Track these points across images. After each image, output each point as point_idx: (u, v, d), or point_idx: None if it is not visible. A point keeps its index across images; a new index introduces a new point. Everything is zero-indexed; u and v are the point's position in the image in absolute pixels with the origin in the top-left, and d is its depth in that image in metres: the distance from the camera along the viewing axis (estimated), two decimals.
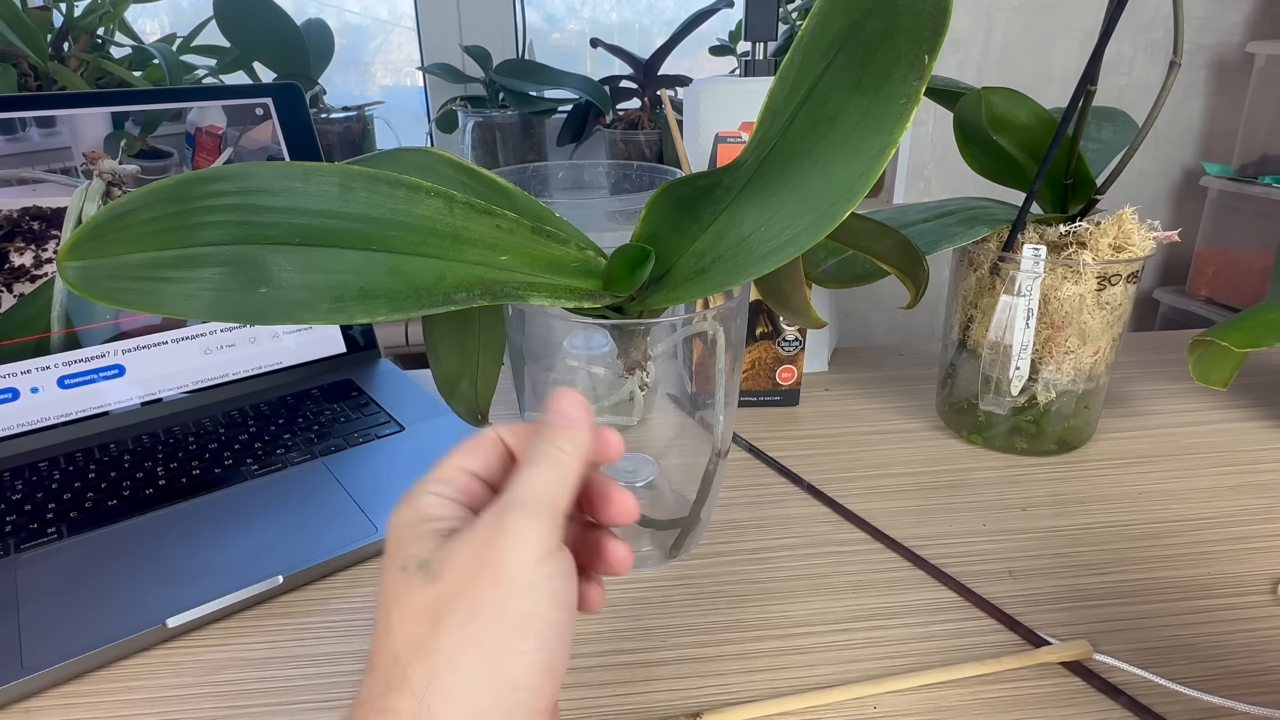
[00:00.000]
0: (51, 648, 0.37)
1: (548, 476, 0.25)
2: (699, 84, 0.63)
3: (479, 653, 0.23)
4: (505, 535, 0.24)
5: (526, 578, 0.23)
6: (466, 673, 0.22)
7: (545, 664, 0.23)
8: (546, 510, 0.24)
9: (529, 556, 0.23)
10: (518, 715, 0.23)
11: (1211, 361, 0.51)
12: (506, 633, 0.23)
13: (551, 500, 0.25)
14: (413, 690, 0.22)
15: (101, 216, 0.29)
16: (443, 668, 0.22)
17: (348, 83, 1.26)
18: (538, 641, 0.23)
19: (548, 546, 0.24)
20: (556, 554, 0.24)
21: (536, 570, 0.23)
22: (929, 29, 0.28)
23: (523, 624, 0.23)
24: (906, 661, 0.38)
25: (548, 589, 0.23)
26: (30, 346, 0.53)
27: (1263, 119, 1.15)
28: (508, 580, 0.23)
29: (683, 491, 0.47)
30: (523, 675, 0.23)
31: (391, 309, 0.30)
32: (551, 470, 0.25)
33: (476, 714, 0.22)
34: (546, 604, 0.23)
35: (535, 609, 0.23)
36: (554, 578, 0.24)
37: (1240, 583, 0.43)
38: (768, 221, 0.32)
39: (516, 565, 0.23)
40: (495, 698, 0.22)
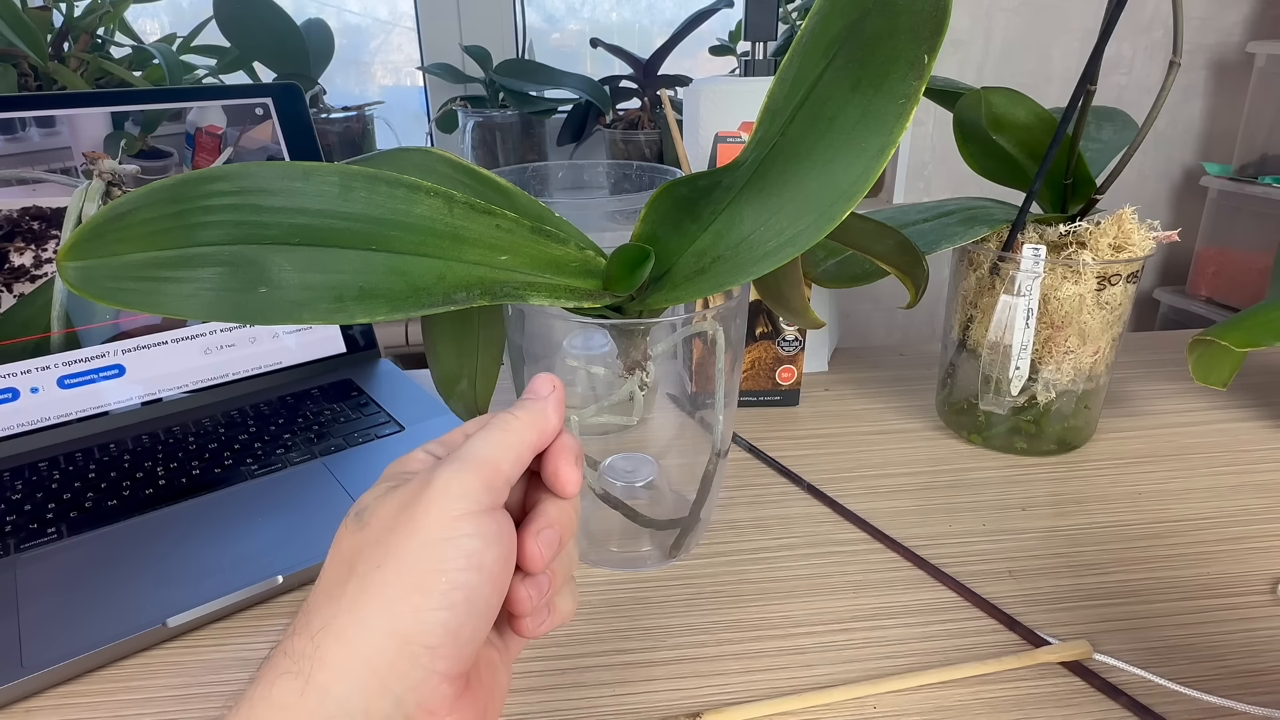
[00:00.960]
0: (51, 647, 0.37)
1: (492, 438, 0.25)
2: (699, 84, 0.63)
3: (378, 602, 0.22)
4: (430, 487, 0.23)
5: (441, 531, 0.23)
6: (362, 620, 0.22)
7: (448, 624, 0.22)
8: (481, 468, 0.24)
9: (448, 511, 0.23)
10: (410, 673, 0.22)
11: (1211, 361, 0.51)
12: (409, 585, 0.22)
13: (489, 459, 0.24)
14: (310, 632, 0.22)
15: (101, 216, 0.29)
16: (342, 612, 0.22)
17: (348, 83, 1.26)
18: (440, 600, 0.22)
19: (472, 504, 0.23)
20: (481, 515, 0.23)
21: (452, 526, 0.23)
22: (929, 29, 0.28)
23: (428, 579, 0.22)
24: (906, 661, 0.38)
25: (462, 547, 0.23)
26: (30, 346, 0.53)
27: (1263, 119, 1.15)
28: (420, 533, 0.23)
29: (682, 491, 0.47)
30: (419, 632, 0.22)
31: (391, 309, 0.30)
32: (498, 433, 0.25)
33: (364, 662, 0.22)
34: (458, 563, 0.23)
35: (443, 565, 0.22)
36: (472, 537, 0.23)
37: (1240, 583, 0.43)
38: (767, 221, 0.32)
39: (433, 518, 0.23)
40: (386, 649, 0.22)
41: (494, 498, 0.24)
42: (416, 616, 0.22)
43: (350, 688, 0.21)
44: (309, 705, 0.21)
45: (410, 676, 0.22)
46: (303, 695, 0.21)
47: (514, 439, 0.25)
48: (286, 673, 0.22)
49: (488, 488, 0.24)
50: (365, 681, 0.21)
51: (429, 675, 0.22)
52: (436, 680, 0.22)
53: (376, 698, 0.21)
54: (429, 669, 0.22)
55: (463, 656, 0.23)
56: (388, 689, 0.22)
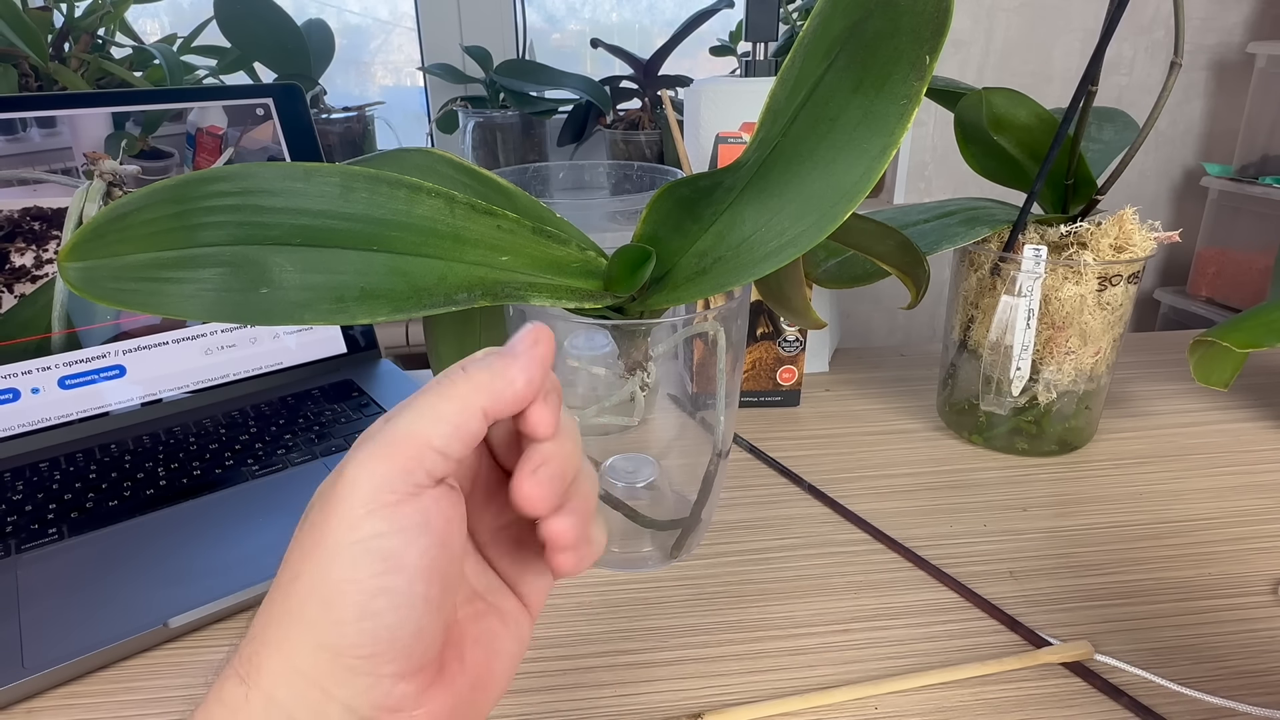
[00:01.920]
0: (53, 648, 0.37)
1: (422, 408, 0.21)
2: (699, 84, 0.63)
3: (298, 617, 0.20)
4: (338, 482, 0.21)
5: (346, 535, 0.20)
6: (289, 636, 0.20)
7: (377, 632, 0.20)
8: (399, 450, 0.20)
9: (356, 506, 0.20)
10: (352, 681, 0.20)
11: (1212, 362, 0.51)
12: (323, 599, 0.20)
13: (412, 436, 0.21)
14: (251, 636, 0.21)
15: (102, 217, 0.29)
16: (272, 623, 0.21)
17: (348, 83, 1.26)
18: (358, 611, 0.20)
19: (386, 496, 0.20)
20: (399, 505, 0.20)
21: (359, 526, 0.20)
22: (930, 29, 0.28)
23: (341, 590, 0.20)
24: (908, 662, 0.38)
25: (373, 549, 0.20)
26: (31, 347, 0.53)
27: (1263, 119, 1.15)
28: (328, 537, 0.20)
29: (683, 492, 0.46)
30: (348, 645, 0.20)
31: (393, 309, 0.30)
32: (432, 400, 0.21)
33: (301, 675, 0.20)
34: (371, 569, 0.20)
35: (354, 574, 0.20)
36: (384, 536, 0.20)
37: (1242, 583, 0.43)
38: (769, 222, 0.32)
39: (338, 520, 0.20)
40: (319, 661, 0.20)
41: (417, 479, 0.21)
42: (339, 630, 0.20)
43: (292, 693, 0.20)
44: (254, 710, 0.20)
45: (354, 684, 0.20)
46: (248, 700, 0.20)
47: (452, 406, 0.21)
48: (235, 675, 0.21)
49: (406, 472, 0.20)
50: (305, 690, 0.20)
51: (376, 680, 0.20)
52: (388, 683, 0.20)
53: (321, 703, 0.20)
54: (374, 674, 0.20)
55: (414, 654, 0.21)
56: (331, 696, 0.20)
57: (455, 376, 0.22)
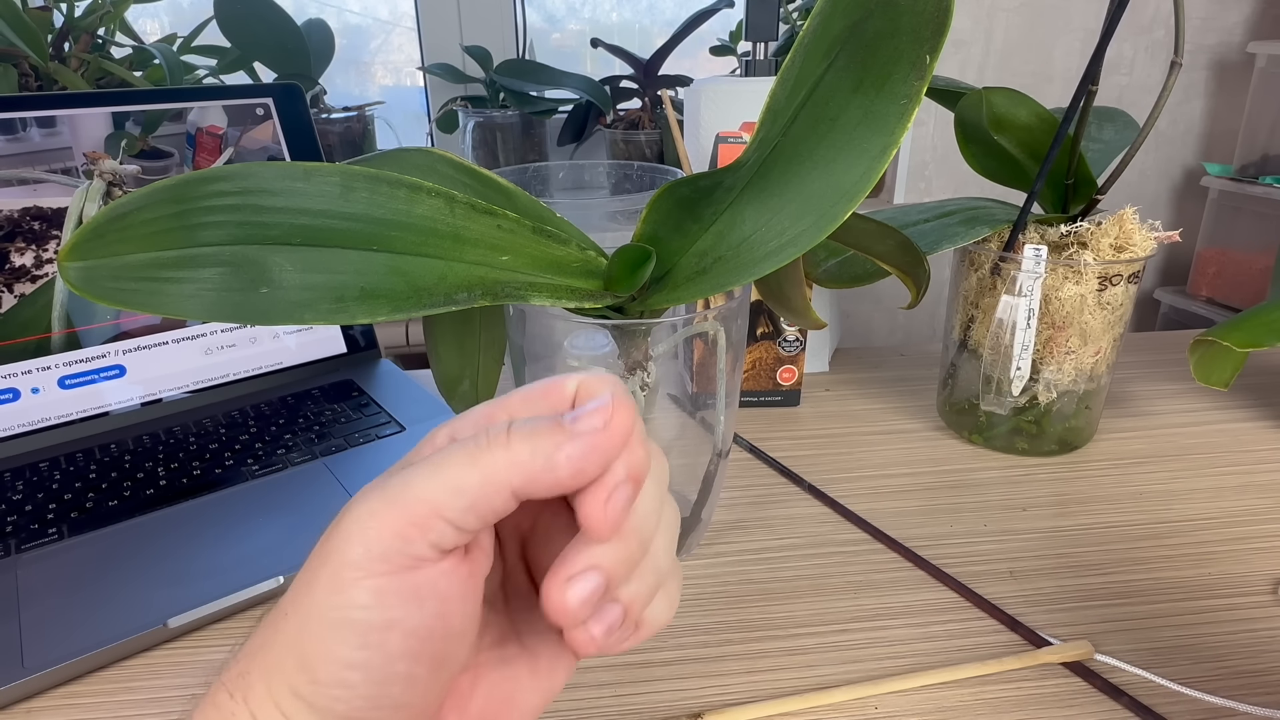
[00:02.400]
0: (53, 648, 0.37)
1: (446, 472, 0.18)
2: (699, 84, 0.63)
3: (279, 662, 0.19)
4: (338, 528, 0.19)
5: (329, 597, 0.18)
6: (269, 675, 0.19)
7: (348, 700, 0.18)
8: (405, 513, 0.18)
9: (342, 571, 0.18)
10: None
11: (1213, 362, 0.51)
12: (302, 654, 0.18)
13: (420, 497, 0.18)
14: (239, 660, 0.20)
15: (102, 217, 0.29)
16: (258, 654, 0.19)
17: (348, 83, 1.26)
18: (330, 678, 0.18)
19: (378, 565, 0.18)
20: (391, 577, 0.18)
21: (344, 593, 0.18)
22: (930, 29, 0.28)
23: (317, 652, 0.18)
24: (908, 662, 0.38)
25: (354, 621, 0.18)
26: (31, 347, 0.53)
27: (1263, 119, 1.15)
28: (315, 590, 0.18)
29: (684, 492, 0.46)
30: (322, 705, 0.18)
31: (393, 309, 0.30)
32: (462, 464, 0.18)
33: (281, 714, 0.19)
34: (348, 641, 0.18)
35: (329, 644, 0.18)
36: (367, 609, 0.18)
37: (1241, 583, 0.43)
38: (769, 222, 0.32)
39: (326, 578, 0.18)
40: (297, 709, 0.19)
41: (419, 551, 0.18)
42: (313, 689, 0.18)
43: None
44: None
45: None
46: (235, 716, 0.19)
47: (477, 477, 0.18)
48: (226, 689, 0.19)
49: (405, 540, 0.18)
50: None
51: None
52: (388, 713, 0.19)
53: None
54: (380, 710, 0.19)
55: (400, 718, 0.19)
56: None
57: (493, 442, 0.19)
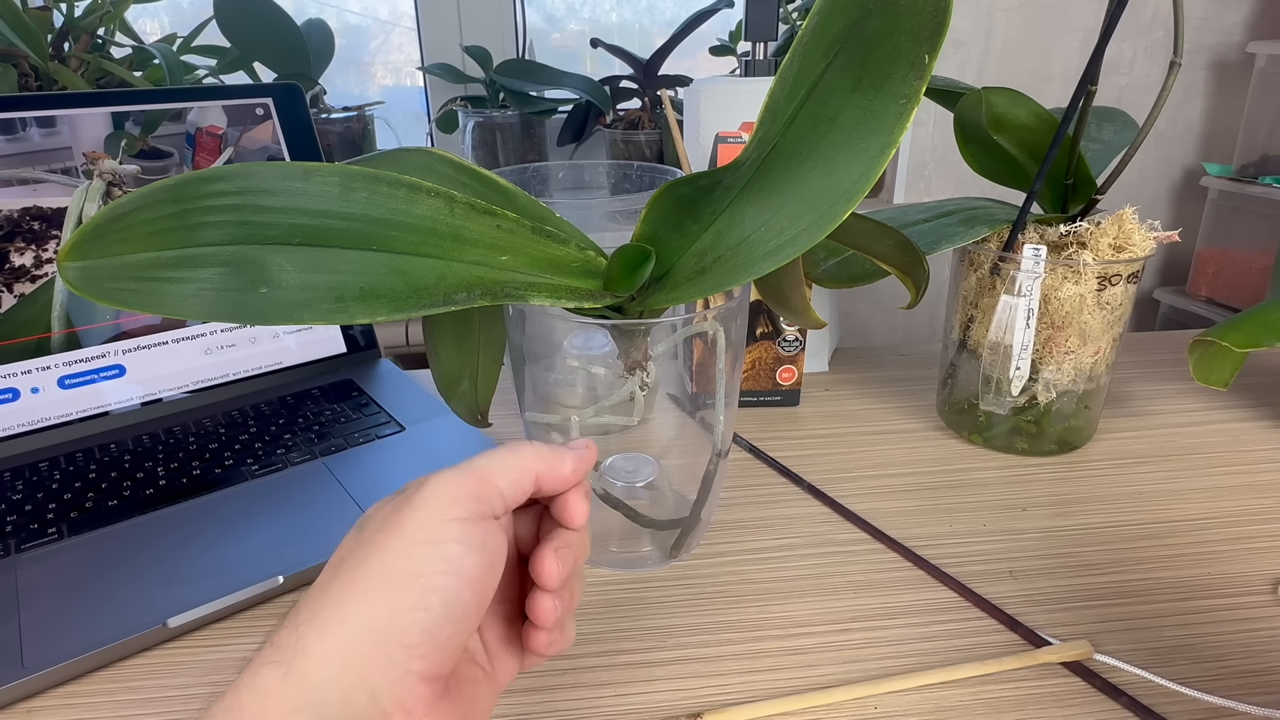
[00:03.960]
0: (52, 648, 0.37)
1: (496, 455, 0.26)
2: (699, 84, 0.63)
3: (358, 596, 0.23)
4: (422, 489, 0.24)
5: (424, 534, 0.23)
6: (342, 614, 0.23)
7: (424, 625, 0.23)
8: (473, 477, 0.25)
9: (434, 515, 0.24)
10: (386, 668, 0.22)
11: (1212, 362, 0.51)
12: (388, 583, 0.23)
13: (485, 470, 0.25)
14: (295, 624, 0.23)
15: (102, 217, 0.29)
16: (325, 606, 0.23)
17: (348, 83, 1.26)
18: (416, 600, 0.23)
19: (460, 510, 0.24)
20: (468, 522, 0.24)
21: (436, 530, 0.23)
22: (929, 29, 0.28)
23: (407, 579, 0.23)
24: (907, 662, 0.38)
25: (444, 551, 0.23)
26: (30, 347, 0.53)
27: (1263, 119, 1.15)
28: (405, 533, 0.23)
29: (683, 492, 0.47)
30: (396, 629, 0.22)
31: (392, 309, 0.30)
32: (503, 453, 0.26)
33: (343, 654, 0.22)
34: (437, 566, 0.23)
35: (421, 568, 0.23)
36: (454, 542, 0.23)
37: (1241, 583, 0.43)
38: (768, 221, 0.32)
39: (419, 520, 0.23)
40: (364, 642, 0.22)
41: (483, 507, 0.24)
42: (394, 615, 0.22)
43: (329, 676, 0.22)
44: (289, 691, 0.22)
45: (387, 672, 0.22)
46: (284, 682, 0.22)
47: (517, 460, 0.26)
48: (270, 662, 0.22)
49: (477, 496, 0.24)
50: (343, 672, 0.22)
51: (405, 673, 0.22)
52: (413, 680, 0.23)
53: (353, 689, 0.22)
54: (405, 667, 0.22)
55: (440, 659, 0.23)
56: (364, 681, 0.22)
57: (523, 446, 0.27)
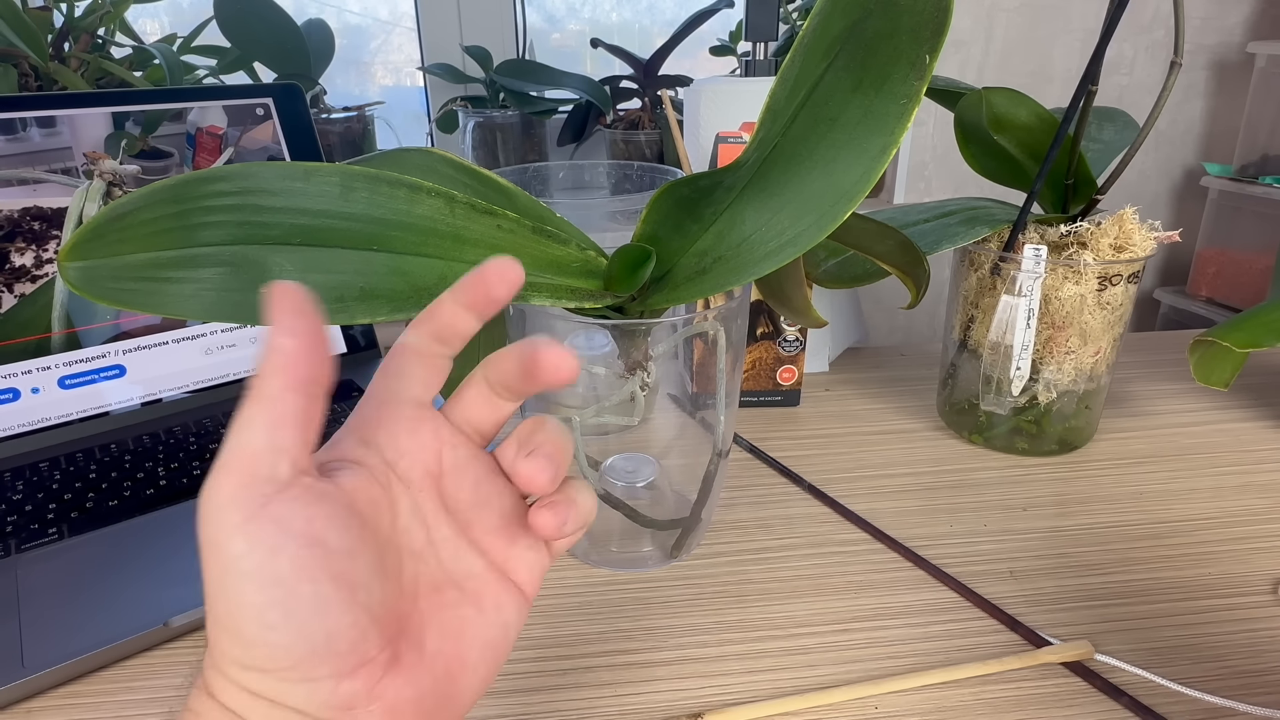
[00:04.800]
0: (53, 648, 0.37)
1: (234, 423, 0.21)
2: (699, 84, 0.63)
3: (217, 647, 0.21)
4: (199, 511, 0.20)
5: (216, 564, 0.20)
6: (220, 660, 0.21)
7: (288, 644, 0.20)
8: (230, 468, 0.20)
9: (210, 539, 0.20)
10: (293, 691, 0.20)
11: (1213, 362, 0.51)
12: (225, 628, 0.20)
13: (239, 449, 0.20)
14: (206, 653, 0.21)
15: (102, 217, 0.29)
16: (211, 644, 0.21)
17: (348, 83, 1.26)
18: (259, 629, 0.20)
19: (232, 516, 0.20)
20: (251, 521, 0.20)
21: (222, 553, 0.20)
22: (930, 29, 0.28)
23: (234, 615, 0.20)
24: (908, 662, 0.38)
25: (243, 572, 0.20)
26: (31, 347, 0.53)
27: (1263, 119, 1.15)
28: (209, 576, 0.20)
29: (684, 492, 0.46)
30: (265, 661, 0.20)
31: (393, 309, 0.30)
32: (239, 413, 0.21)
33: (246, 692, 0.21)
34: (248, 587, 0.20)
35: (238, 598, 0.20)
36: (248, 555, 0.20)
37: (1242, 583, 0.43)
38: (769, 221, 0.32)
39: (205, 555, 0.20)
40: (251, 680, 0.20)
41: (264, 489, 0.20)
42: (250, 652, 0.20)
43: (245, 707, 0.21)
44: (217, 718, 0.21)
45: (295, 693, 0.20)
46: (208, 710, 0.21)
47: (252, 409, 0.21)
48: (199, 688, 0.22)
49: (243, 487, 0.20)
50: (254, 703, 0.21)
51: (314, 685, 0.20)
52: (329, 684, 0.20)
53: (273, 711, 0.20)
54: (307, 681, 0.20)
55: (344, 652, 0.21)
56: (280, 705, 0.20)
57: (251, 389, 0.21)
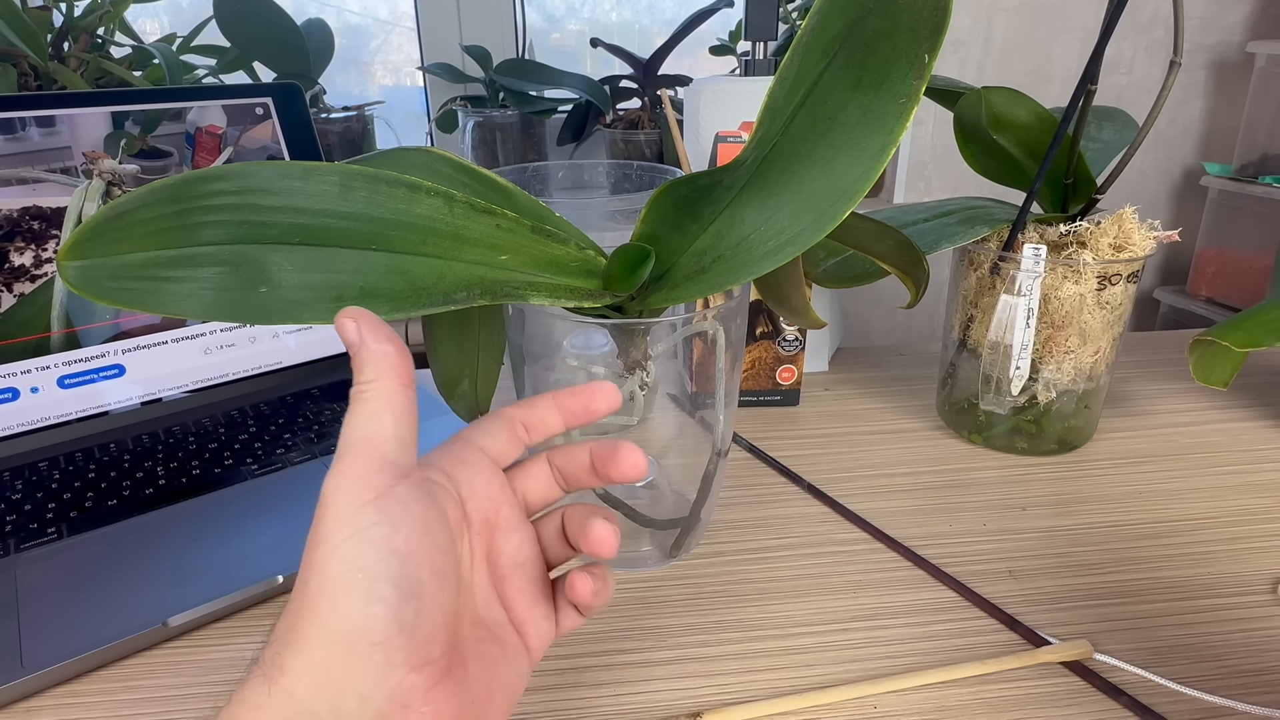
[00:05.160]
0: (51, 647, 0.37)
1: (356, 416, 0.24)
2: (699, 84, 0.63)
3: (312, 615, 0.22)
4: (323, 493, 0.23)
5: (341, 532, 0.22)
6: (306, 631, 0.22)
7: (385, 617, 0.22)
8: (359, 454, 0.23)
9: (342, 508, 0.23)
10: (367, 670, 0.22)
11: (1212, 361, 0.51)
12: (332, 593, 0.22)
13: (364, 439, 0.24)
14: (274, 639, 0.23)
15: (101, 216, 0.29)
16: (293, 624, 0.22)
17: (348, 83, 1.26)
18: (365, 596, 0.22)
19: (365, 493, 0.23)
20: (381, 499, 0.23)
21: (350, 523, 0.22)
22: (929, 28, 0.28)
23: (345, 581, 0.22)
24: (907, 661, 0.38)
25: (368, 538, 0.22)
26: (30, 346, 0.53)
27: (1263, 119, 1.15)
28: (324, 540, 0.22)
29: (683, 491, 0.46)
30: (361, 631, 0.22)
31: (391, 308, 0.30)
32: (360, 407, 0.24)
33: (320, 668, 0.22)
34: (368, 556, 0.22)
35: (355, 564, 0.22)
36: (375, 525, 0.22)
37: (1240, 582, 0.43)
38: (768, 221, 0.32)
39: (330, 523, 0.23)
40: (336, 653, 0.22)
41: (391, 473, 0.23)
42: (350, 620, 0.22)
43: (311, 690, 0.22)
44: (276, 706, 0.21)
45: (369, 674, 0.22)
46: (270, 697, 0.22)
47: (383, 404, 0.24)
48: (257, 676, 0.22)
49: (375, 470, 0.23)
50: (324, 684, 0.22)
51: (389, 669, 0.22)
52: (400, 673, 0.22)
53: (340, 697, 0.22)
54: (386, 663, 0.22)
55: (420, 643, 0.22)
56: (348, 688, 0.22)
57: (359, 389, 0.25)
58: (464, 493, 0.27)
